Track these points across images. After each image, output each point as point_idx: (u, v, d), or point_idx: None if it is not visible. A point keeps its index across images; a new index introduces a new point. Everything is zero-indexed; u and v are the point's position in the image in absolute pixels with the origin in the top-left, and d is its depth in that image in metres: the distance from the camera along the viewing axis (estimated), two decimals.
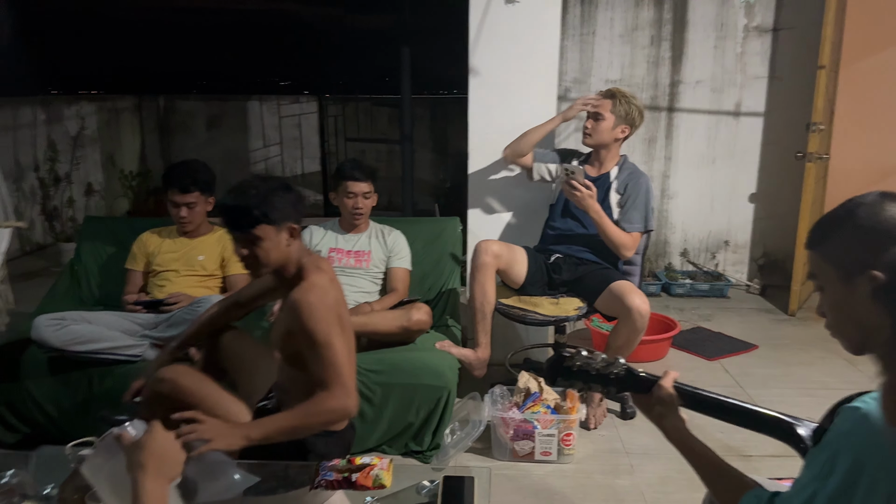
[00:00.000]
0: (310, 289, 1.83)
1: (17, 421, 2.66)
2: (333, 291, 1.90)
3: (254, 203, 1.82)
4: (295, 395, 1.94)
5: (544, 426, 2.60)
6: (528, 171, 3.15)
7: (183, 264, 2.98)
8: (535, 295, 2.93)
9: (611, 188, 2.96)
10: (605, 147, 2.98)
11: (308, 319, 1.79)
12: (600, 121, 2.93)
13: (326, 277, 1.90)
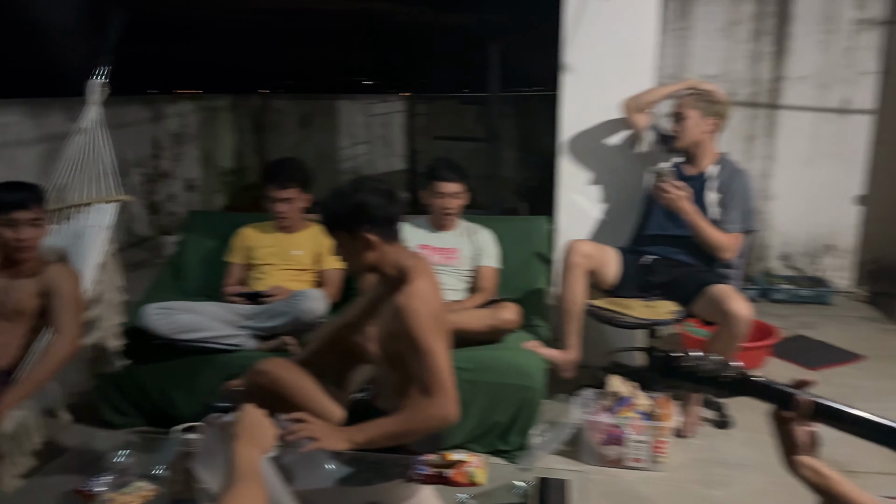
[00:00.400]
0: (415, 294, 1.84)
1: (125, 404, 2.81)
2: (437, 297, 1.91)
3: (337, 210, 1.87)
4: (392, 392, 1.97)
5: (636, 432, 2.54)
6: (634, 137, 3.07)
7: (280, 258, 3.07)
8: (627, 297, 2.86)
9: (707, 187, 2.85)
10: (698, 145, 2.88)
11: (412, 325, 1.80)
12: (683, 120, 2.85)
13: (430, 282, 1.91)
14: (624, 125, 3.11)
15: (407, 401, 1.93)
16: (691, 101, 2.85)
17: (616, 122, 3.13)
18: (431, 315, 1.84)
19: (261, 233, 3.15)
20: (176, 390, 2.75)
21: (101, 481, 1.62)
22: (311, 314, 2.74)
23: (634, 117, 3.04)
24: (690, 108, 2.84)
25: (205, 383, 2.70)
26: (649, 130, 3.03)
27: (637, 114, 3.03)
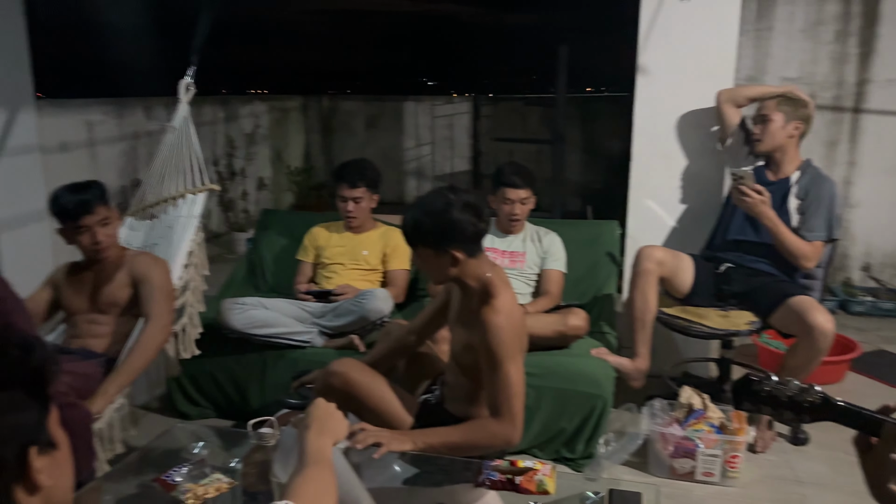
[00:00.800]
0: (500, 310, 1.82)
1: (199, 396, 2.90)
2: (520, 313, 1.90)
3: (423, 225, 1.82)
4: (460, 397, 1.97)
5: (707, 445, 2.47)
6: (723, 132, 2.98)
7: (349, 258, 3.12)
8: (700, 306, 2.78)
9: (790, 193, 2.75)
10: (781, 149, 2.78)
11: (494, 343, 1.79)
12: (768, 123, 2.75)
13: (512, 296, 1.89)
14: (705, 125, 3.01)
15: (475, 409, 1.93)
16: (776, 104, 2.75)
17: (693, 125, 3.05)
18: (514, 334, 1.83)
19: (331, 232, 3.21)
20: (247, 383, 2.82)
21: (180, 472, 1.67)
22: (378, 313, 2.77)
23: (726, 109, 2.95)
24: (775, 111, 2.74)
25: (275, 378, 2.76)
26: (737, 128, 2.94)
27: (730, 106, 2.94)
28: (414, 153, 8.06)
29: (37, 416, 0.80)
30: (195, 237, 2.69)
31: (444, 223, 1.80)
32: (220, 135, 6.38)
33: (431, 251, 1.84)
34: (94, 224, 2.28)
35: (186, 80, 2.93)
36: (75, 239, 2.31)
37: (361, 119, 8.15)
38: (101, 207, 2.30)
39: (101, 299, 2.38)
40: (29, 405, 0.79)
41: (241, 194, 6.33)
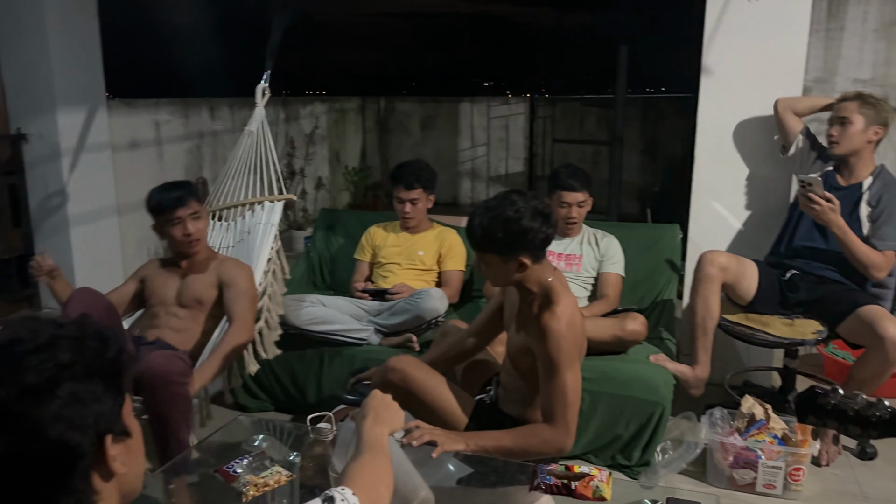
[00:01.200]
0: (561, 317, 1.81)
1: (259, 389, 2.97)
2: (580, 319, 1.89)
3: (493, 232, 1.79)
4: (515, 399, 1.96)
5: (769, 457, 2.40)
6: (785, 140, 2.91)
7: (405, 258, 3.14)
8: (764, 313, 2.70)
9: (861, 200, 2.64)
10: (857, 154, 2.68)
11: (554, 350, 1.79)
12: (848, 125, 2.64)
13: (573, 302, 1.88)
14: (771, 127, 2.94)
15: (531, 411, 1.92)
16: (857, 106, 2.65)
17: (759, 127, 2.97)
18: (574, 341, 1.82)
19: (387, 232, 3.24)
20: (305, 379, 2.87)
21: (241, 463, 1.72)
22: (433, 313, 2.79)
23: (786, 117, 2.87)
24: (856, 114, 2.64)
25: (332, 374, 2.81)
26: (800, 136, 2.85)
27: (790, 114, 2.86)
28: (469, 154, 8.07)
29: (112, 406, 0.83)
30: (274, 244, 2.77)
31: (515, 231, 1.78)
32: (280, 135, 6.51)
33: (499, 257, 1.82)
34: (186, 216, 2.42)
35: (262, 85, 3.00)
36: (168, 232, 2.44)
37: (417, 120, 8.21)
38: (193, 202, 2.45)
39: (188, 295, 2.47)
40: (105, 395, 0.82)
41: (301, 193, 6.44)
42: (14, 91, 3.93)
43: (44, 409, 0.76)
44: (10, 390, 0.75)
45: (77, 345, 0.81)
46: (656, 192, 6.85)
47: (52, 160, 3.93)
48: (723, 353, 3.06)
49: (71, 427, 0.77)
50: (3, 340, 0.79)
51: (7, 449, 0.74)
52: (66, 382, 0.78)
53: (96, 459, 0.81)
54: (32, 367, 0.77)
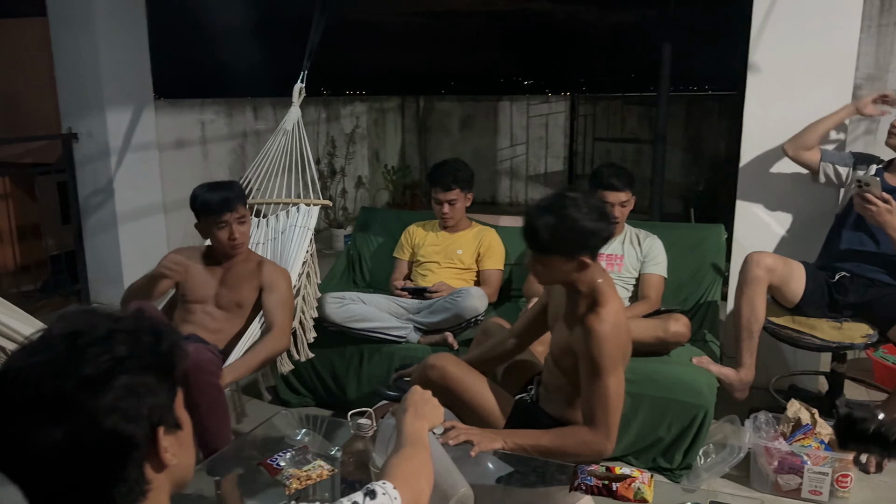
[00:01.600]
0: (606, 318, 1.79)
1: (300, 385, 3.01)
2: (626, 322, 1.87)
3: (550, 231, 1.77)
4: (557, 399, 1.95)
5: (815, 462, 2.34)
6: (812, 171, 2.85)
7: (443, 257, 3.15)
8: (812, 316, 2.64)
9: None
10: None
11: (598, 352, 1.77)
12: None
13: (620, 304, 1.87)
14: None
15: (573, 412, 1.91)
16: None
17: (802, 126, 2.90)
18: (619, 344, 1.80)
19: (427, 231, 3.25)
20: (345, 375, 2.90)
21: (284, 457, 1.74)
22: (473, 311, 2.79)
23: (801, 157, 2.82)
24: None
25: (371, 371, 2.84)
26: (821, 164, 2.79)
27: (802, 153, 2.80)
28: (508, 153, 8.05)
29: (165, 399, 0.85)
30: (310, 248, 2.80)
31: (581, 231, 1.76)
32: (321, 134, 6.58)
33: (563, 258, 1.79)
34: (233, 220, 2.41)
35: (299, 85, 3.04)
36: (212, 234, 2.44)
37: (456, 119, 8.22)
38: (240, 206, 2.44)
39: (228, 298, 2.48)
40: (158, 388, 0.84)
41: (341, 192, 6.51)
42: (66, 91, 4.05)
43: (100, 401, 0.78)
44: (69, 381, 0.77)
45: (133, 339, 0.83)
46: (700, 192, 6.74)
47: (101, 158, 4.04)
48: (768, 356, 2.99)
49: (125, 418, 0.79)
50: (63, 332, 0.82)
51: (65, 438, 0.76)
52: (121, 375, 0.80)
53: (149, 450, 0.83)
54: (90, 359, 0.79)
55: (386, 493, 1.00)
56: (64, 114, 4.08)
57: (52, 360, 0.79)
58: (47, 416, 0.77)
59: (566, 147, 7.76)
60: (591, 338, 1.77)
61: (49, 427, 0.76)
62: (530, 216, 1.81)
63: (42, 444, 0.76)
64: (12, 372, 0.79)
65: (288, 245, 2.82)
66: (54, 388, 0.77)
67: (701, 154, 7.01)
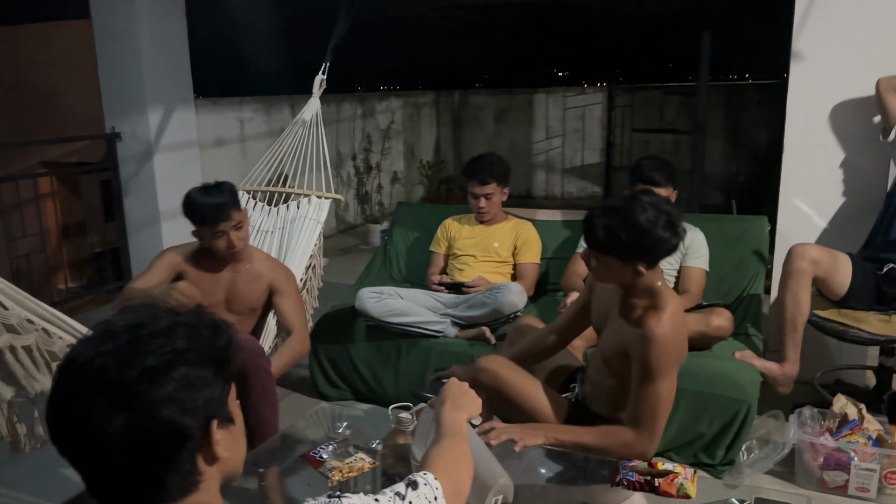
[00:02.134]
0: (666, 322, 1.74)
1: (338, 378, 3.04)
2: (685, 326, 1.83)
3: (617, 234, 1.72)
4: (606, 398, 1.93)
5: (862, 459, 2.29)
6: (886, 123, 2.73)
7: (480, 250, 3.15)
8: (859, 309, 2.57)
9: None
10: None
11: (653, 358, 1.73)
12: None
13: (680, 309, 1.81)
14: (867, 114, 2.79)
15: (617, 412, 1.89)
16: None
17: (853, 114, 2.83)
18: (676, 347, 1.76)
19: (462, 224, 3.25)
20: (383, 369, 2.92)
21: (326, 449, 1.77)
22: (512, 307, 2.78)
23: (889, 98, 2.69)
24: None
25: (408, 365, 2.86)
26: None
27: (892, 95, 2.68)
28: (543, 146, 8.01)
29: (220, 393, 0.87)
30: (318, 241, 2.81)
31: (645, 241, 1.71)
32: (357, 130, 6.63)
33: (619, 262, 1.75)
34: (229, 229, 2.32)
35: (320, 76, 3.05)
36: (211, 242, 2.35)
37: (490, 112, 8.20)
38: (235, 212, 2.33)
39: (240, 303, 2.47)
40: (214, 382, 0.86)
41: (377, 187, 6.55)
42: (109, 92, 4.15)
43: (160, 391, 0.80)
44: (132, 371, 0.80)
45: (193, 332, 0.85)
46: (741, 183, 6.62)
47: (144, 157, 4.13)
48: (813, 350, 2.93)
49: (182, 409, 0.81)
50: (127, 324, 0.84)
51: (124, 426, 0.79)
52: (181, 367, 0.82)
53: (202, 442, 0.85)
54: (152, 350, 0.81)
55: (427, 484, 1.01)
56: (107, 114, 4.18)
57: (116, 350, 0.81)
58: (110, 403, 0.79)
59: (603, 139, 7.68)
60: (650, 342, 1.72)
61: (111, 414, 0.79)
62: (594, 215, 1.77)
63: (103, 431, 0.79)
64: (79, 360, 0.81)
65: (296, 236, 2.83)
66: (117, 376, 0.80)
67: (742, 145, 6.87)
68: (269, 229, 2.93)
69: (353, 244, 6.12)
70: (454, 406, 1.36)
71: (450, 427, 1.28)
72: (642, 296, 1.80)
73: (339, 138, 6.42)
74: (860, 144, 2.88)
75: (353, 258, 5.56)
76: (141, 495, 0.83)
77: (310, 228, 2.87)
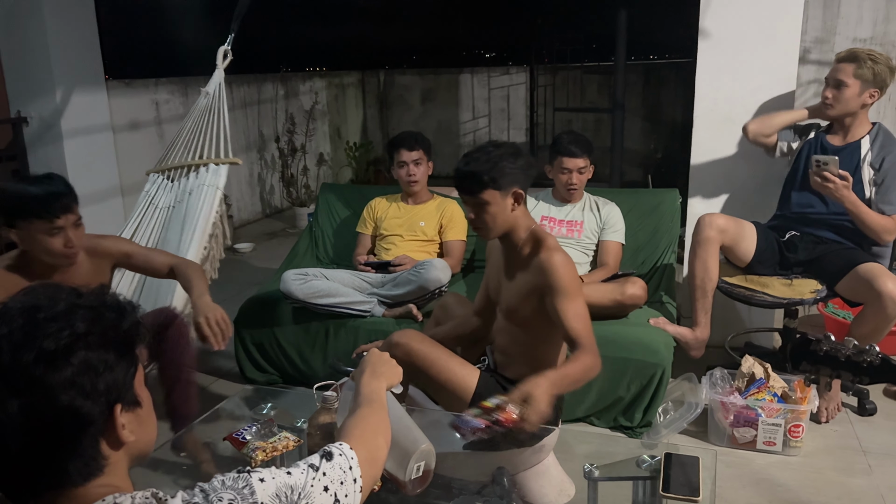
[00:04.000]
0: (556, 248, 1.89)
1: (266, 363, 3.02)
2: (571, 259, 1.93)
3: (482, 168, 1.88)
4: (516, 360, 1.99)
5: (769, 415, 2.44)
6: (768, 149, 2.92)
7: (406, 230, 3.17)
8: (763, 275, 2.73)
9: (862, 161, 2.65)
10: (852, 115, 2.67)
11: (561, 278, 1.84)
12: (843, 89, 2.63)
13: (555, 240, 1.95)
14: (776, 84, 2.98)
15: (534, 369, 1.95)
16: (853, 69, 2.61)
17: (756, 91, 2.97)
18: (574, 272, 1.88)
19: (389, 203, 3.26)
20: (311, 351, 2.91)
21: (250, 430, 1.76)
22: (436, 283, 2.81)
23: (761, 142, 2.88)
24: (851, 78, 2.62)
25: (337, 346, 2.85)
26: (778, 143, 2.88)
27: (762, 138, 2.86)
28: (470, 126, 8.05)
29: (124, 376, 0.85)
30: (219, 209, 2.75)
31: (507, 164, 1.88)
32: (280, 112, 6.51)
33: (498, 193, 1.88)
34: (69, 225, 1.97)
35: (224, 47, 3.00)
36: (38, 241, 1.95)
37: (417, 93, 8.18)
38: (76, 205, 2.00)
39: None
40: (118, 365, 0.84)
41: (302, 170, 6.46)
42: (13, 74, 3.95)
43: (57, 375, 0.78)
44: (28, 354, 0.78)
45: (94, 315, 0.84)
46: (658, 159, 6.83)
47: (54, 142, 3.96)
48: (723, 314, 3.09)
49: (82, 394, 0.80)
50: (24, 306, 0.82)
51: (20, 411, 0.77)
52: (80, 351, 0.80)
53: (105, 427, 0.83)
54: (50, 334, 0.79)
55: (343, 454, 1.02)
56: (12, 97, 3.98)
57: (10, 334, 0.79)
58: (3, 387, 0.77)
59: (527, 118, 7.78)
60: (551, 268, 1.85)
61: (5, 399, 0.77)
62: (460, 164, 1.94)
63: (1, 415, 0.77)
64: None
65: (195, 205, 2.76)
66: (12, 360, 0.78)
67: (659, 122, 7.09)
68: (169, 204, 2.84)
69: (280, 228, 6.03)
70: (372, 375, 1.36)
71: (367, 395, 1.28)
72: (525, 240, 1.95)
73: (262, 120, 6.28)
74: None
75: (280, 242, 5.48)
76: (41, 481, 0.81)
77: (209, 195, 2.78)
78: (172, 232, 2.78)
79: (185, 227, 2.73)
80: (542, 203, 3.10)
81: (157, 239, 2.85)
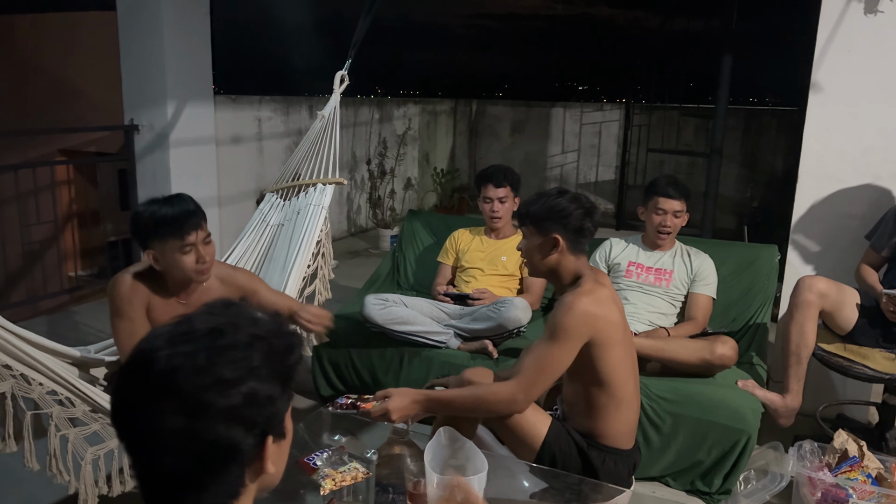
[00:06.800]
0: (580, 293, 1.82)
1: (339, 382, 3.05)
2: (607, 304, 1.84)
3: (530, 204, 1.95)
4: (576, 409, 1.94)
5: (861, 496, 2.26)
6: None
7: (487, 263, 3.15)
8: (864, 345, 2.56)
9: None
10: None
11: (559, 318, 1.80)
12: None
13: (606, 293, 1.86)
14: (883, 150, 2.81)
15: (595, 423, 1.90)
16: None
17: (869, 149, 2.81)
18: (584, 320, 1.78)
19: (472, 236, 3.26)
20: (385, 376, 2.92)
21: (321, 456, 1.77)
22: (516, 322, 2.77)
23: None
24: None
25: (410, 374, 2.85)
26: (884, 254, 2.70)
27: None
28: (559, 160, 8.00)
29: (281, 409, 0.86)
30: (324, 227, 2.81)
31: (553, 208, 1.91)
32: (374, 135, 6.65)
33: (536, 232, 1.92)
34: (199, 242, 2.03)
35: (341, 72, 3.08)
36: (173, 260, 2.02)
37: (507, 123, 8.20)
38: (204, 222, 2.07)
39: None
40: (280, 398, 0.85)
41: (389, 192, 6.57)
42: (130, 83, 4.19)
43: (225, 402, 0.79)
44: (206, 379, 0.79)
45: (268, 348, 0.84)
46: (754, 209, 6.58)
47: (160, 150, 4.16)
48: (816, 383, 2.91)
49: (242, 424, 0.80)
50: (209, 328, 0.83)
51: (185, 430, 0.78)
52: (251, 381, 0.81)
53: (254, 456, 0.83)
54: (229, 363, 0.80)
55: None
56: (127, 105, 4.22)
57: (195, 354, 0.80)
58: (177, 406, 0.78)
59: (618, 156, 7.66)
60: (561, 307, 1.81)
61: (172, 416, 0.78)
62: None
63: (164, 429, 0.78)
64: (158, 358, 0.80)
65: (303, 223, 2.83)
66: (191, 383, 0.79)
67: (757, 170, 6.84)
68: (279, 222, 2.94)
69: (363, 248, 6.13)
70: None
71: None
72: (567, 287, 1.92)
73: (356, 141, 6.44)
74: (874, 179, 2.87)
75: (362, 262, 5.57)
76: (179, 497, 0.82)
77: (315, 214, 2.86)
78: (279, 249, 2.88)
79: (292, 245, 2.81)
80: (632, 246, 3.01)
81: (265, 256, 2.96)
